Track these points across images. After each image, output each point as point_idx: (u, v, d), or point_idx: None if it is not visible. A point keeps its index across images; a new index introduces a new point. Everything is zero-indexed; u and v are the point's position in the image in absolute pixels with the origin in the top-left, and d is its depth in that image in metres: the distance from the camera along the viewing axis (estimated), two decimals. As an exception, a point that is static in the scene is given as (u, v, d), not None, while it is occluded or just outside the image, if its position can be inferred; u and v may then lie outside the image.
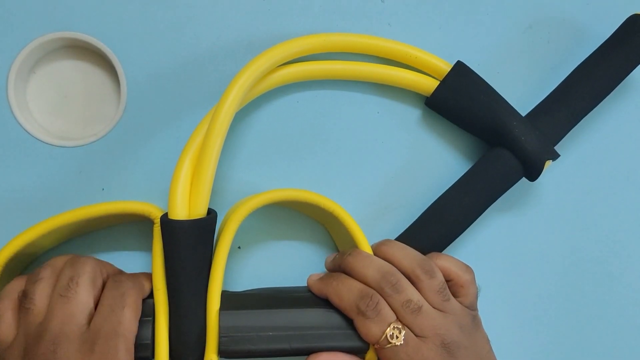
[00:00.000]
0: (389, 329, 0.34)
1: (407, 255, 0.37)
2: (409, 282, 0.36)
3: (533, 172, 0.41)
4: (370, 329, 0.35)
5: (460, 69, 0.41)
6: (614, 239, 0.45)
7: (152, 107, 0.41)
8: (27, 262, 0.40)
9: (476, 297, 0.38)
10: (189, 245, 0.35)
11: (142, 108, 0.41)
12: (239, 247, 0.42)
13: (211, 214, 0.37)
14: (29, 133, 0.40)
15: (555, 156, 0.41)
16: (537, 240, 0.45)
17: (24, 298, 0.34)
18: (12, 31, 0.39)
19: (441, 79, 0.42)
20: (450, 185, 0.42)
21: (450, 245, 0.41)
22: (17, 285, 0.35)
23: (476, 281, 0.39)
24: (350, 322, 0.36)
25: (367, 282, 0.36)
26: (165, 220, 0.35)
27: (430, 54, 0.42)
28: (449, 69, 0.42)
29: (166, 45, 0.41)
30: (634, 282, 0.45)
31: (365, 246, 0.39)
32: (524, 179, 0.42)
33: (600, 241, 0.45)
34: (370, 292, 0.35)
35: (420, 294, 0.36)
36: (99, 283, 0.35)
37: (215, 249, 0.37)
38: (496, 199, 0.41)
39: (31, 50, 0.39)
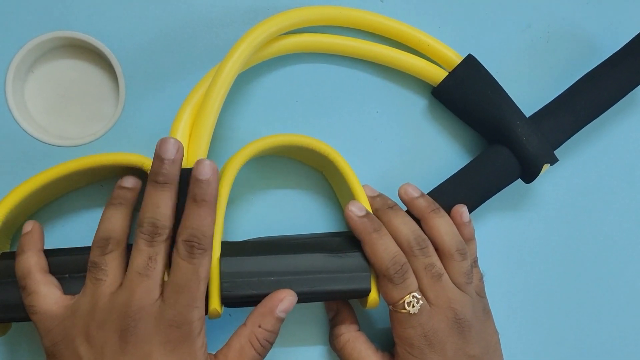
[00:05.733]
0: (408, 296, 0.36)
1: (450, 232, 0.38)
2: (435, 252, 0.37)
3: (530, 174, 0.40)
4: (391, 291, 0.36)
5: (470, 61, 0.41)
6: (612, 240, 0.45)
7: (150, 105, 0.41)
8: (21, 220, 0.39)
9: (482, 282, 0.40)
10: (186, 192, 0.35)
11: (141, 107, 0.41)
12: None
13: None
14: (27, 133, 0.40)
15: (554, 160, 0.41)
16: (535, 241, 0.44)
17: (94, 268, 0.34)
18: (10, 31, 0.40)
19: (450, 70, 0.42)
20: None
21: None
22: (36, 258, 0.35)
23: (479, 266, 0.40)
24: (352, 265, 0.37)
25: (399, 238, 0.37)
26: None
27: (443, 44, 0.42)
28: (459, 61, 0.41)
29: (164, 43, 0.41)
30: (632, 282, 0.45)
31: (358, 189, 0.39)
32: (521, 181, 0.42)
33: (599, 242, 0.45)
34: (402, 260, 0.36)
35: (448, 270, 0.37)
36: None
37: None
38: (491, 196, 0.41)
39: (29, 50, 0.39)
